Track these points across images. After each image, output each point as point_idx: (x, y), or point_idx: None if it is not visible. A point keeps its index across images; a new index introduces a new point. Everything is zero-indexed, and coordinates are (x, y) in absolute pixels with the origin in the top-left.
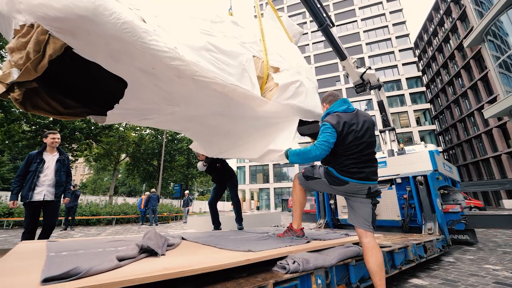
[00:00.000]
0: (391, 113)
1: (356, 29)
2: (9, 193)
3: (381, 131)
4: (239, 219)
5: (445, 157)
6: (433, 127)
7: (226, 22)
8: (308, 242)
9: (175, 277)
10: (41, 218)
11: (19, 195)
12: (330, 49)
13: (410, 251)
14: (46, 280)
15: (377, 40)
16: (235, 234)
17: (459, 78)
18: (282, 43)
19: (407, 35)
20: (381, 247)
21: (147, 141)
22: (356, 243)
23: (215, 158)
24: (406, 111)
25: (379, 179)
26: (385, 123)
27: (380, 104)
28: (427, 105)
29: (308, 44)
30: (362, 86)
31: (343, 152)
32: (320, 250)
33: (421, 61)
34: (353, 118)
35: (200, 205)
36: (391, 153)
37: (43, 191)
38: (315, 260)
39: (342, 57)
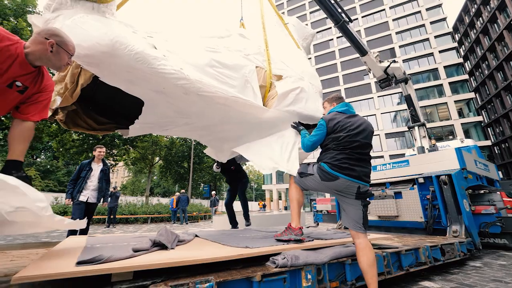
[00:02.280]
0: (428, 106)
1: (384, 18)
2: (64, 195)
3: (409, 127)
4: (246, 216)
5: (496, 151)
6: (479, 118)
7: (233, 35)
8: (308, 241)
9: (175, 266)
10: None
11: (72, 195)
12: None
13: (421, 253)
14: (79, 263)
15: (409, 28)
16: (244, 233)
17: (511, 62)
18: (287, 50)
19: (444, 19)
20: (387, 248)
21: (178, 145)
22: None
23: (229, 160)
24: (446, 103)
25: (400, 179)
26: (414, 118)
27: (408, 99)
28: (471, 95)
29: (332, 39)
30: (387, 81)
31: (336, 147)
32: (317, 248)
33: (462, 46)
34: (349, 118)
35: None
36: (421, 150)
37: (87, 194)
38: (306, 257)
39: (363, 52)
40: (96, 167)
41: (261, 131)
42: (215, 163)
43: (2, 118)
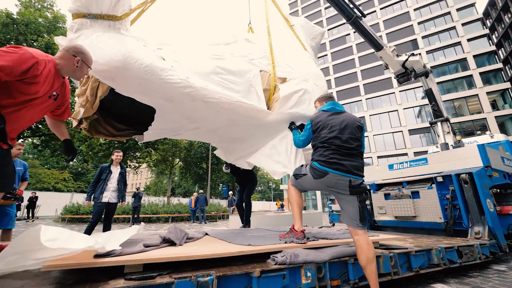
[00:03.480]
0: (456, 99)
1: (405, 8)
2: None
3: (431, 123)
4: (247, 220)
5: None
6: None
7: (239, 41)
8: (313, 240)
9: (179, 260)
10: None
11: (92, 197)
12: None
13: (434, 254)
14: (96, 256)
15: (432, 17)
16: (253, 232)
17: None
18: (292, 52)
19: (472, 5)
20: (395, 248)
21: (196, 147)
22: None
23: None
24: (477, 94)
25: (417, 178)
26: (436, 113)
27: (429, 93)
28: (506, 85)
29: (348, 34)
30: (405, 75)
31: (322, 145)
32: (320, 247)
33: (495, 32)
34: (332, 116)
35: None
36: (444, 147)
37: (108, 195)
38: (305, 255)
39: (378, 47)
40: (115, 170)
41: (266, 133)
42: (225, 164)
43: (39, 126)
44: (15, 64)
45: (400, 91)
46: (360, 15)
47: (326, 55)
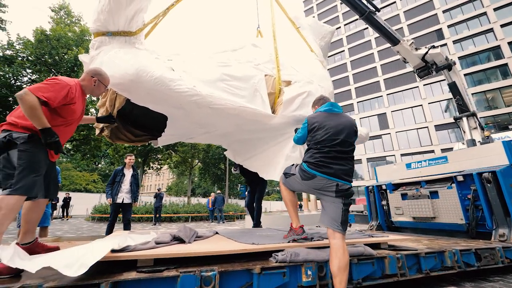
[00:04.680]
0: (489, 90)
1: None
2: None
3: (456, 119)
4: (257, 223)
5: None
6: None
7: (246, 47)
8: (317, 240)
9: (184, 256)
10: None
11: (111, 196)
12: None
13: (447, 257)
14: (113, 251)
15: (459, 4)
16: (261, 231)
17: None
18: (298, 54)
19: None
20: (403, 250)
21: (214, 148)
22: (377, 245)
23: None
24: None
25: (436, 177)
26: (462, 108)
27: (453, 87)
28: None
29: (367, 28)
30: (426, 69)
31: (314, 146)
32: (323, 247)
33: None
34: (330, 117)
35: (265, 205)
36: (471, 143)
37: (122, 196)
38: (306, 254)
39: (394, 42)
40: (128, 173)
41: (273, 136)
42: (233, 165)
43: None
44: (56, 94)
45: (424, 85)
46: (374, 9)
47: (343, 51)
